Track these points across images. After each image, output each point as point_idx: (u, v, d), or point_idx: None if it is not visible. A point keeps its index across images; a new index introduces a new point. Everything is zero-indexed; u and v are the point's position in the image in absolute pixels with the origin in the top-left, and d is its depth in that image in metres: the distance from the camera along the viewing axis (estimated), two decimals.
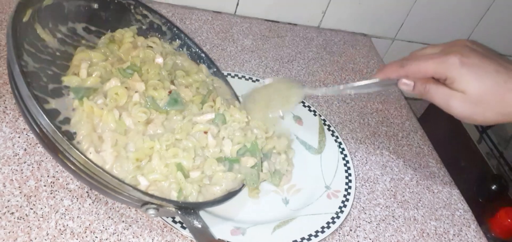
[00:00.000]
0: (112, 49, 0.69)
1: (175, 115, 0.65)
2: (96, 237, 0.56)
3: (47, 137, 0.52)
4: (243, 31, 1.01)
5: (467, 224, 0.76)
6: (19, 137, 0.63)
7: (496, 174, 0.99)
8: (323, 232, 0.64)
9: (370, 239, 0.68)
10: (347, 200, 0.69)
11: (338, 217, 0.66)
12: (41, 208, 0.57)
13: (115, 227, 0.58)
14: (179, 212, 0.56)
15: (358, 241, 0.67)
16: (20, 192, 0.57)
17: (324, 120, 0.82)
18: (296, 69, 0.96)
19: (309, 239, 0.62)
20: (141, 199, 0.54)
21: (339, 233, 0.67)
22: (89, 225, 0.57)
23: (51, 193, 0.59)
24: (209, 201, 0.60)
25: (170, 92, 0.66)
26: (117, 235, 0.57)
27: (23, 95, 0.52)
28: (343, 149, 0.78)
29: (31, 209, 0.56)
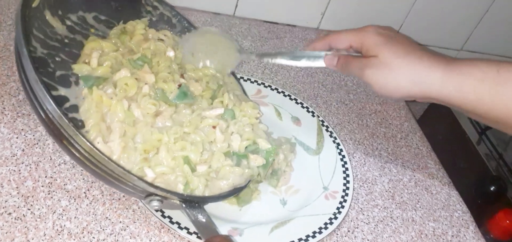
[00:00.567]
0: (123, 40, 0.70)
1: (184, 108, 0.66)
2: (93, 237, 0.56)
3: (53, 123, 0.52)
4: (242, 32, 1.01)
5: (466, 226, 0.76)
6: (17, 138, 0.63)
7: (495, 175, 0.99)
8: (320, 233, 0.64)
9: (368, 240, 0.68)
10: (345, 201, 0.69)
11: (335, 218, 0.66)
12: (39, 209, 0.57)
13: (113, 227, 0.58)
14: (183, 205, 0.56)
15: None
16: (18, 193, 0.57)
17: (323, 121, 0.82)
18: (294, 70, 0.96)
19: (306, 240, 0.62)
20: (146, 190, 0.53)
21: (337, 234, 0.67)
22: (87, 225, 0.57)
23: (48, 193, 0.59)
24: (214, 195, 0.60)
25: (179, 86, 0.67)
26: (115, 235, 0.57)
27: (30, 79, 0.52)
28: (341, 150, 0.78)
29: (29, 209, 0.56)
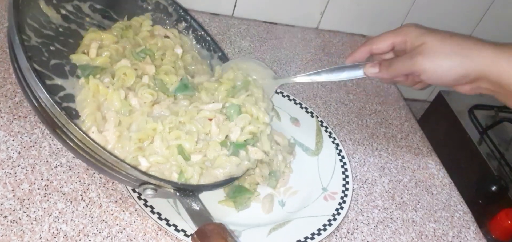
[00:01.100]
0: (127, 35, 0.70)
1: (183, 99, 0.66)
2: (90, 240, 0.55)
3: (46, 112, 0.52)
4: (240, 32, 1.00)
5: (467, 226, 0.75)
6: (13, 140, 0.63)
7: (496, 175, 0.98)
8: (319, 234, 0.63)
9: (368, 241, 0.67)
10: (344, 202, 0.69)
11: (335, 219, 0.66)
12: (35, 211, 0.56)
13: (109, 230, 0.57)
14: (177, 194, 0.56)
15: None
16: (14, 195, 0.57)
17: (322, 122, 0.81)
18: (294, 70, 0.95)
19: None
20: (139, 178, 0.54)
21: (336, 235, 0.66)
22: (83, 228, 0.56)
23: (44, 196, 0.58)
24: (208, 184, 0.60)
25: (181, 79, 0.67)
26: (111, 238, 0.57)
27: (22, 67, 0.52)
28: (340, 150, 0.77)
29: (24, 212, 0.56)
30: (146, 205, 0.59)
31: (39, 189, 0.59)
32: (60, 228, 0.56)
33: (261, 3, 1.04)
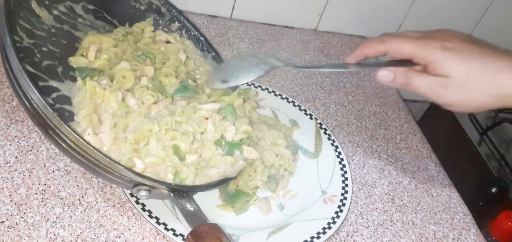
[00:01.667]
0: (128, 40, 0.70)
1: (180, 100, 0.66)
2: None
3: (38, 113, 0.51)
4: (239, 35, 1.00)
5: (467, 228, 0.75)
6: (10, 145, 0.62)
7: (496, 176, 0.98)
8: (319, 237, 0.63)
9: None
10: (343, 204, 0.68)
11: (334, 222, 0.65)
12: (32, 217, 0.56)
13: (107, 235, 0.57)
14: (171, 195, 0.56)
15: None
16: (11, 200, 0.57)
17: (321, 124, 0.81)
18: (292, 72, 0.95)
19: None
20: (133, 179, 0.53)
21: (335, 238, 0.66)
22: (81, 233, 0.56)
23: (42, 201, 0.58)
24: (202, 184, 0.60)
25: (181, 81, 0.67)
26: None
27: (14, 69, 0.51)
28: (339, 153, 0.77)
29: (22, 217, 0.55)
30: (144, 210, 0.59)
31: (36, 193, 0.58)
32: (58, 233, 0.55)
33: (260, 4, 1.03)
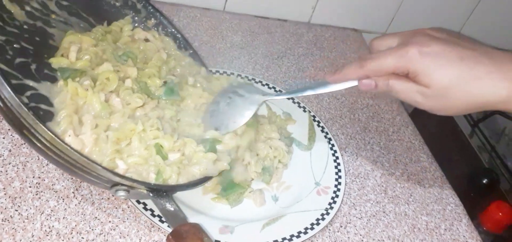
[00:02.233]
0: (107, 39, 0.69)
1: (167, 103, 0.66)
2: (82, 238, 0.55)
3: (12, 112, 0.50)
4: (232, 27, 1.00)
5: (459, 219, 0.75)
6: (3, 138, 0.62)
7: (487, 168, 0.99)
8: (312, 228, 0.63)
9: (360, 235, 0.67)
10: (337, 196, 0.69)
11: (328, 213, 0.66)
12: (26, 210, 0.56)
13: (102, 227, 0.57)
14: (150, 195, 0.55)
15: (349, 237, 0.66)
16: (5, 194, 0.56)
17: (314, 116, 0.81)
18: (286, 65, 0.95)
19: (298, 236, 0.62)
20: (111, 179, 0.52)
21: (329, 229, 0.66)
22: (76, 226, 0.56)
23: (36, 194, 0.58)
24: (182, 184, 0.59)
25: (165, 82, 0.66)
26: (104, 235, 0.56)
27: None
28: (333, 145, 0.77)
29: (16, 210, 0.55)
30: (138, 202, 0.59)
31: (30, 187, 0.58)
32: (53, 226, 0.55)
33: None
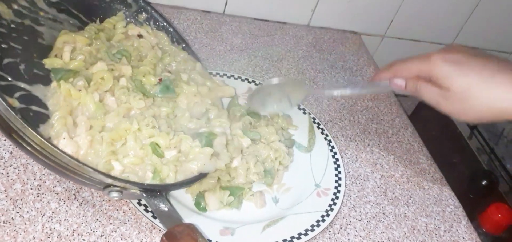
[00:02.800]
0: (100, 37, 0.69)
1: (162, 101, 0.66)
2: (83, 240, 0.55)
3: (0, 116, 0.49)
4: (232, 30, 1.00)
5: (458, 220, 0.76)
6: (5, 140, 0.62)
7: (486, 169, 0.99)
8: (313, 230, 0.63)
9: (360, 236, 0.68)
10: (337, 198, 0.69)
11: (328, 215, 0.66)
12: (28, 212, 0.56)
13: (103, 229, 0.57)
14: (144, 195, 0.55)
15: (349, 238, 0.67)
16: (6, 196, 0.57)
17: (314, 118, 0.82)
18: (285, 67, 0.96)
19: (299, 238, 0.62)
20: (103, 181, 0.52)
21: (329, 231, 0.67)
22: (77, 227, 0.56)
23: (37, 196, 0.58)
24: (176, 183, 0.59)
25: (160, 80, 0.66)
26: (105, 237, 0.56)
27: None
28: (333, 147, 0.77)
29: (18, 212, 0.55)
30: (139, 204, 0.59)
31: (32, 189, 0.58)
32: (54, 228, 0.55)
33: (253, 0, 1.04)
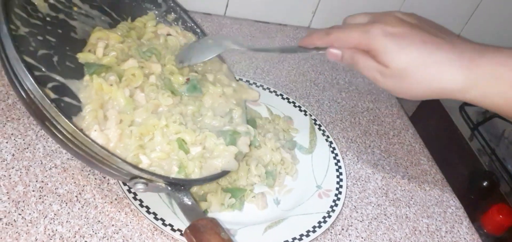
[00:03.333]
0: (131, 35, 0.70)
1: (188, 98, 0.67)
2: (85, 241, 0.55)
3: (34, 103, 0.51)
4: (233, 32, 1.01)
5: (459, 221, 0.76)
6: (7, 143, 0.62)
7: (487, 170, 0.99)
8: (314, 231, 0.63)
9: (362, 237, 0.68)
10: (338, 199, 0.69)
11: (329, 216, 0.66)
12: (30, 214, 0.56)
13: (105, 231, 0.57)
14: (169, 188, 0.56)
15: (350, 240, 0.67)
16: (8, 198, 0.57)
17: (315, 120, 0.82)
18: (286, 69, 0.96)
19: (300, 239, 0.62)
20: (130, 172, 0.53)
21: (331, 232, 0.67)
22: (79, 229, 0.56)
23: (39, 198, 0.58)
24: (199, 178, 0.60)
25: (188, 80, 0.68)
26: (107, 239, 0.57)
27: (10, 58, 0.51)
28: (334, 148, 0.77)
29: (20, 214, 0.56)
30: (141, 205, 0.59)
31: (34, 191, 0.58)
32: (56, 230, 0.55)
33: (253, 2, 1.04)
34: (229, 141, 0.64)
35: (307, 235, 0.63)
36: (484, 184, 0.96)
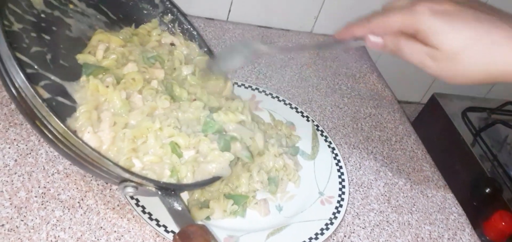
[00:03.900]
0: (134, 41, 0.70)
1: (188, 107, 0.66)
2: None
3: (25, 102, 0.50)
4: (235, 37, 1.01)
5: (462, 228, 0.76)
6: (9, 148, 0.62)
7: (490, 177, 0.99)
8: (316, 238, 0.63)
9: None
10: (340, 206, 0.69)
11: (332, 223, 0.66)
12: (32, 220, 0.56)
13: (107, 237, 0.57)
14: (159, 193, 0.55)
15: None
16: (11, 204, 0.57)
17: (317, 126, 0.82)
18: (289, 74, 0.96)
19: None
20: (120, 175, 0.53)
21: (333, 239, 0.67)
22: (81, 235, 0.56)
23: (42, 204, 0.58)
24: (190, 183, 0.59)
25: (194, 100, 0.68)
26: None
27: (1, 53, 0.50)
28: (336, 154, 0.77)
29: (22, 220, 0.56)
30: (144, 212, 0.59)
31: (36, 197, 0.58)
32: (58, 236, 0.55)
33: (256, 7, 1.04)
34: (223, 145, 0.63)
35: None
36: (487, 191, 0.96)
